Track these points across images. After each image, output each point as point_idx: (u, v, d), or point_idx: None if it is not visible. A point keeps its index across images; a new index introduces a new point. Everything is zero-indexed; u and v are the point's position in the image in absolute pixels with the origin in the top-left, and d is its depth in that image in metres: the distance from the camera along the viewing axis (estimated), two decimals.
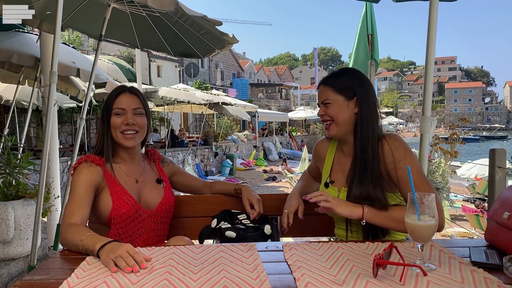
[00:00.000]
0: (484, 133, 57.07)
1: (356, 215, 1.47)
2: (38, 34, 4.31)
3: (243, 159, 17.55)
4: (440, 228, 1.36)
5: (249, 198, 1.77)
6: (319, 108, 1.67)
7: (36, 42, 4.13)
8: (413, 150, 1.65)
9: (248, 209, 1.75)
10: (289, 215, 1.66)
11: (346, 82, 1.60)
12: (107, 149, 1.63)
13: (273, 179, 13.36)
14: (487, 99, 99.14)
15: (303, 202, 1.77)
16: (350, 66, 5.74)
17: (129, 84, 1.84)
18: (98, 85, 5.45)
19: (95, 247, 1.21)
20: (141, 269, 1.11)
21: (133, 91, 1.67)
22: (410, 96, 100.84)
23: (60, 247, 1.37)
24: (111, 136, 1.63)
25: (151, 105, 12.06)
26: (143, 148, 1.81)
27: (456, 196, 10.07)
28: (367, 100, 1.57)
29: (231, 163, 15.05)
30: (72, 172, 1.58)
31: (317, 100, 1.69)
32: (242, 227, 1.69)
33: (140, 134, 1.66)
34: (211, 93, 15.77)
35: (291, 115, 29.16)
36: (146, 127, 1.68)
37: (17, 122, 7.86)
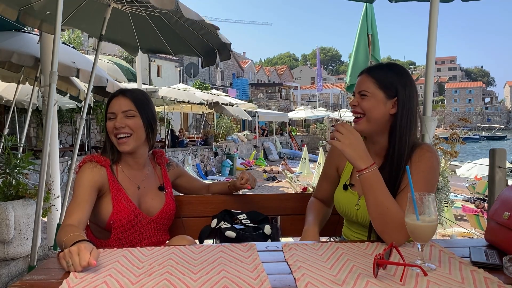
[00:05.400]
0: (484, 133, 57.06)
1: (359, 165, 1.33)
2: (38, 34, 4.31)
3: (243, 159, 17.56)
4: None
5: (242, 174, 1.85)
6: (352, 97, 1.53)
7: (37, 43, 4.13)
8: None
9: (239, 180, 1.83)
10: None
11: (391, 79, 1.46)
12: (111, 153, 1.63)
13: (273, 179, 13.36)
14: (487, 99, 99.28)
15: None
16: (350, 66, 5.74)
17: (129, 85, 1.83)
18: (97, 87, 5.45)
19: (68, 247, 1.18)
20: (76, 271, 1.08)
21: (126, 94, 1.62)
22: None
23: None
24: (110, 140, 1.63)
25: None
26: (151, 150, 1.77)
27: (456, 196, 10.07)
28: (408, 103, 1.45)
29: (231, 163, 15.05)
30: (77, 170, 1.58)
31: (354, 89, 1.54)
32: (242, 227, 1.69)
33: (134, 137, 1.59)
34: (211, 93, 15.77)
35: (291, 115, 29.16)
36: (141, 129, 1.61)
37: (17, 122, 7.86)
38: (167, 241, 1.72)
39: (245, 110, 18.81)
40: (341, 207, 1.59)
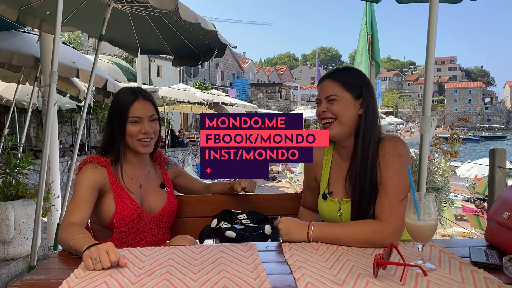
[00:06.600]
0: (484, 133, 57.02)
1: (303, 237, 1.36)
2: (38, 34, 4.31)
3: None
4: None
5: (239, 180, 1.82)
6: (317, 106, 1.53)
7: (36, 42, 4.13)
8: (412, 150, 1.55)
9: (237, 186, 1.81)
10: None
11: (355, 80, 1.50)
12: (119, 153, 1.62)
13: (273, 179, 13.34)
14: (487, 99, 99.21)
15: None
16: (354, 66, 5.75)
17: (131, 85, 1.84)
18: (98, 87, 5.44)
19: (83, 248, 1.19)
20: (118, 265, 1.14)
21: (147, 97, 1.65)
22: (410, 96, 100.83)
23: (60, 247, 1.38)
24: (125, 142, 1.62)
25: None
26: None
27: (456, 196, 10.06)
28: (372, 103, 1.49)
29: None
30: (77, 171, 1.58)
31: (317, 96, 1.54)
32: (242, 227, 1.69)
33: (154, 139, 1.66)
34: (211, 93, 15.77)
35: None
36: (159, 132, 1.68)
37: (17, 122, 7.87)
38: (167, 241, 1.72)
39: (245, 111, 18.82)
40: (325, 216, 1.59)
